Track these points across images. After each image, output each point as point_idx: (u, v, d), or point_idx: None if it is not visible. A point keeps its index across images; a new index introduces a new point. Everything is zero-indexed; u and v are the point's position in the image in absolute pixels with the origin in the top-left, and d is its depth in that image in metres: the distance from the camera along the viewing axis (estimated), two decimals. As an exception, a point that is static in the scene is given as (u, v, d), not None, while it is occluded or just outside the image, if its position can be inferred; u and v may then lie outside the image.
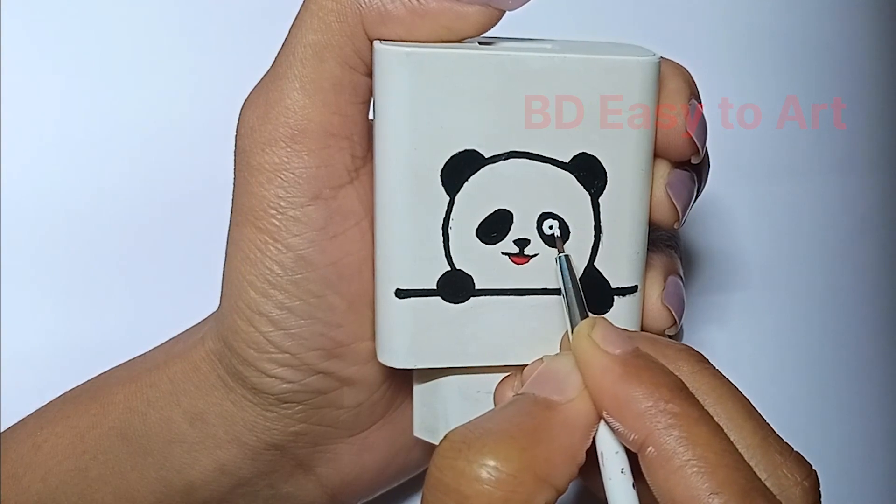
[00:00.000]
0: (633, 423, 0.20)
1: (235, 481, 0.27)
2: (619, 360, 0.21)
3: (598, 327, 0.22)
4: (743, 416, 0.21)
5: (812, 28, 0.39)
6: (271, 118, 0.23)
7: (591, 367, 0.21)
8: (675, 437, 0.19)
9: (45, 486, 0.26)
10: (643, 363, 0.21)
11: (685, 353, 0.22)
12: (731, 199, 0.38)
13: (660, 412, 0.20)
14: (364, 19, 0.22)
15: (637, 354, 0.21)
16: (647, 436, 0.20)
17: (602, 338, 0.21)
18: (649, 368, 0.21)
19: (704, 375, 0.21)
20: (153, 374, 0.27)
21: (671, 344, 0.22)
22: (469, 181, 0.23)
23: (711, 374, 0.22)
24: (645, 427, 0.20)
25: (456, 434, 0.20)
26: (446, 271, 0.23)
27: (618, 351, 0.21)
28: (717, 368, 0.22)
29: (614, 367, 0.21)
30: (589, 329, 0.22)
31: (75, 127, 0.32)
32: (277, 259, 0.24)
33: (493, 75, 0.22)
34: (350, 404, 0.26)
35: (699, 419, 0.20)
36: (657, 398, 0.20)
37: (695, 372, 0.21)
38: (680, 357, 0.22)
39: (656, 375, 0.20)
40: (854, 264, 0.40)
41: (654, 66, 0.23)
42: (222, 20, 0.33)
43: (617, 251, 0.24)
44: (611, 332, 0.21)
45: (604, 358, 0.21)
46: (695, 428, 0.19)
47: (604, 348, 0.21)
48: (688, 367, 0.22)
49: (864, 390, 0.39)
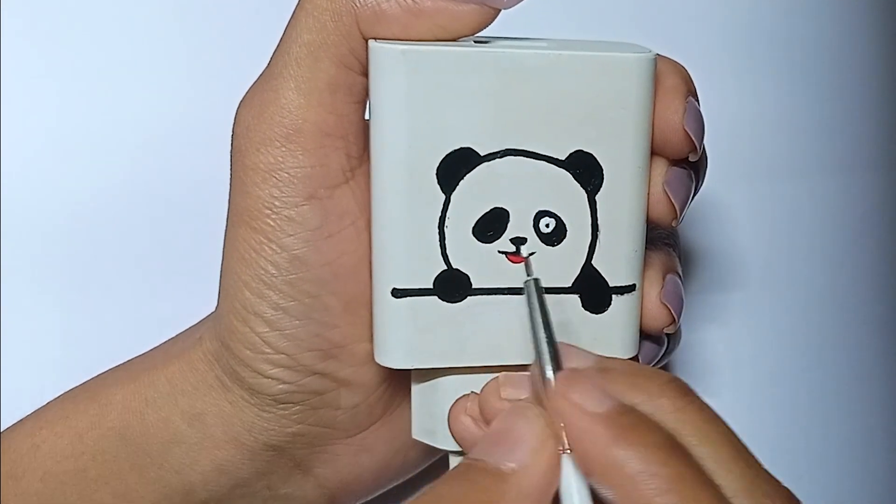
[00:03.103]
0: (625, 489, 0.19)
1: (234, 482, 0.27)
2: (605, 421, 0.19)
3: (576, 386, 0.20)
4: (730, 458, 0.20)
5: (812, 27, 0.39)
6: (266, 118, 0.23)
7: (577, 431, 0.19)
8: (674, 502, 0.18)
9: (44, 487, 0.27)
10: (629, 421, 0.19)
11: (667, 386, 0.21)
12: (731, 198, 0.38)
13: (653, 476, 0.18)
14: (359, 18, 0.22)
15: (622, 411, 0.19)
16: (642, 502, 0.18)
17: (581, 398, 0.20)
18: (636, 427, 0.19)
19: (688, 413, 0.20)
20: (151, 374, 0.27)
21: (653, 376, 0.21)
22: (465, 179, 0.23)
23: (697, 408, 0.20)
24: (638, 493, 0.18)
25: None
26: (443, 270, 0.23)
27: (601, 410, 0.19)
28: (702, 401, 0.21)
29: (601, 429, 0.19)
30: (565, 389, 0.20)
31: (72, 128, 0.32)
32: (272, 259, 0.24)
33: (489, 73, 0.22)
34: (347, 405, 0.26)
35: (694, 481, 0.19)
36: (649, 461, 0.19)
37: (678, 409, 0.20)
38: (663, 392, 0.20)
39: (645, 434, 0.19)
40: (854, 264, 0.40)
41: (651, 63, 0.23)
42: (218, 20, 0.33)
43: (615, 249, 0.24)
44: (590, 390, 0.20)
45: (587, 421, 0.19)
46: (691, 491, 0.18)
47: (586, 409, 0.19)
48: (670, 404, 0.20)
49: (864, 390, 0.39)
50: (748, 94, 0.38)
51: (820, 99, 0.39)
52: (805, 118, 0.39)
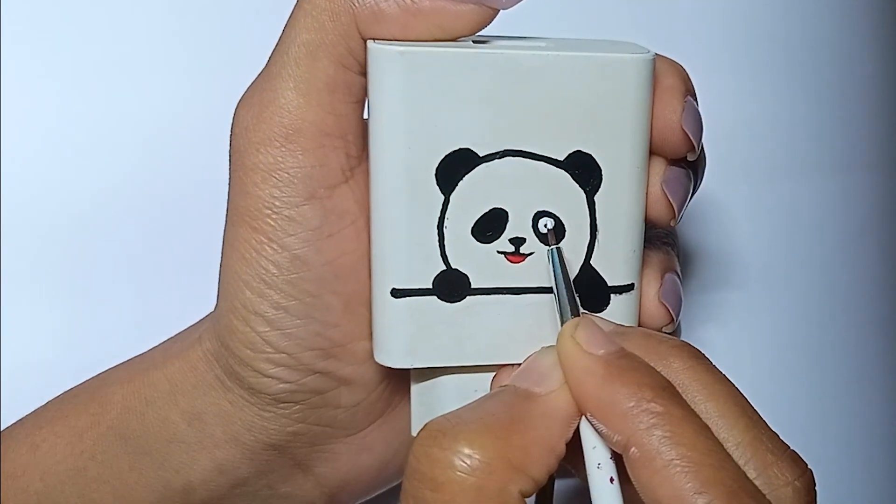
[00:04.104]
0: (615, 424, 0.20)
1: (234, 481, 0.27)
2: (601, 361, 0.21)
3: (582, 328, 0.21)
4: (735, 413, 0.21)
5: (812, 27, 0.39)
6: (265, 118, 0.23)
7: (573, 369, 0.21)
8: (658, 436, 0.19)
9: (44, 486, 0.27)
10: (626, 363, 0.21)
11: (678, 348, 0.22)
12: (730, 198, 0.38)
13: (642, 412, 0.19)
14: (357, 18, 0.22)
15: (620, 355, 0.21)
16: (630, 436, 0.19)
17: (585, 338, 0.21)
18: (632, 368, 0.20)
19: (697, 371, 0.21)
20: (151, 373, 0.27)
21: (665, 339, 0.22)
22: (464, 180, 0.23)
23: (705, 369, 0.21)
24: (627, 427, 0.19)
25: (433, 423, 0.20)
26: (442, 270, 0.23)
27: (601, 352, 0.21)
28: (712, 363, 0.22)
29: (596, 368, 0.20)
30: (572, 330, 0.21)
31: (71, 128, 0.32)
32: (273, 259, 0.24)
33: (487, 74, 0.22)
34: (347, 404, 0.26)
35: (683, 418, 0.19)
36: (640, 398, 0.20)
37: (687, 368, 0.21)
38: (672, 353, 0.22)
39: (639, 375, 0.20)
40: (854, 264, 0.40)
41: (649, 63, 0.23)
42: (217, 20, 0.33)
43: (613, 249, 0.24)
44: (594, 333, 0.21)
45: (586, 359, 0.21)
46: (678, 427, 0.19)
47: (587, 349, 0.21)
48: (680, 364, 0.21)
49: (863, 390, 0.39)
50: (747, 93, 0.38)
51: (820, 99, 0.39)
52: (805, 118, 0.39)
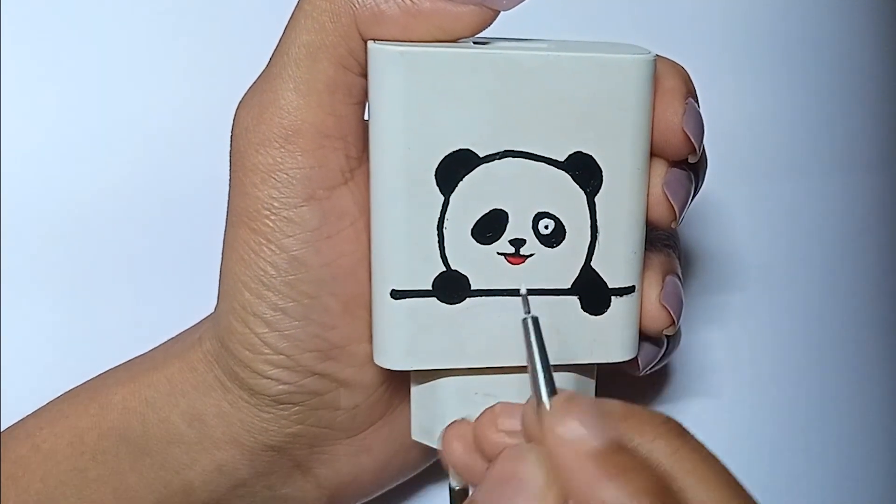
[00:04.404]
0: None
1: (234, 482, 0.27)
2: (596, 458, 0.19)
3: (573, 417, 0.19)
4: (727, 497, 0.19)
5: (812, 27, 0.39)
6: (265, 119, 0.23)
7: (569, 470, 0.19)
8: None
9: (45, 487, 0.27)
10: (622, 461, 0.19)
11: (664, 428, 0.20)
12: (731, 199, 0.38)
13: None
14: (358, 19, 0.22)
15: (616, 450, 0.19)
16: None
17: (577, 430, 0.19)
18: (629, 469, 0.19)
19: (685, 453, 0.20)
20: (151, 374, 0.27)
21: (649, 418, 0.21)
22: (464, 181, 0.23)
23: (692, 449, 0.20)
24: None
25: None
26: (442, 272, 0.23)
27: (594, 446, 0.19)
28: (697, 441, 0.20)
29: (591, 467, 0.19)
30: (562, 419, 0.19)
31: (72, 128, 0.32)
32: (271, 260, 0.24)
33: (488, 74, 0.22)
34: (347, 406, 0.26)
35: None
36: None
37: (675, 451, 0.20)
38: (659, 434, 0.20)
39: (636, 478, 0.19)
40: (854, 264, 0.39)
41: (650, 64, 0.23)
42: (217, 21, 0.33)
43: (614, 251, 0.24)
44: (586, 421, 0.19)
45: (580, 456, 0.19)
46: None
47: (581, 443, 0.19)
48: (666, 446, 0.20)
49: (864, 390, 0.39)
50: (748, 93, 0.38)
51: (820, 99, 0.39)
52: (805, 118, 0.39)
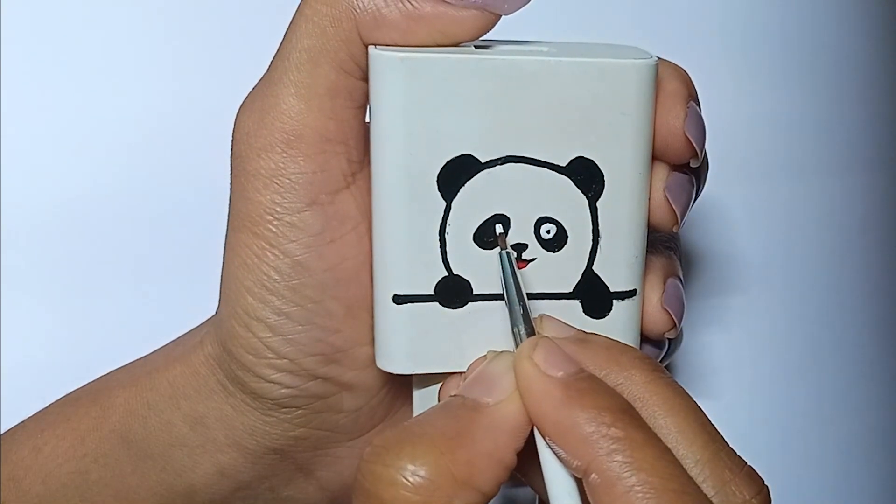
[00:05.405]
0: (575, 449, 0.19)
1: (236, 485, 0.27)
2: (560, 383, 0.20)
3: (540, 348, 0.21)
4: (694, 430, 0.20)
5: (811, 29, 0.39)
6: (267, 123, 0.23)
7: (532, 392, 0.20)
8: (619, 462, 0.19)
9: (46, 489, 0.27)
10: (586, 386, 0.20)
11: (639, 360, 0.21)
12: (731, 201, 0.38)
13: (602, 437, 0.19)
14: (359, 24, 0.22)
15: (580, 377, 0.20)
16: (591, 462, 0.19)
17: (544, 360, 0.20)
18: (592, 391, 0.20)
19: (657, 385, 0.21)
20: (153, 377, 0.27)
21: (626, 350, 0.22)
22: (465, 186, 0.23)
23: (665, 383, 0.21)
24: (588, 453, 0.19)
25: (379, 439, 0.20)
26: (444, 276, 0.23)
27: (560, 373, 0.20)
28: (671, 377, 0.21)
29: (555, 391, 0.20)
30: (530, 350, 0.21)
31: (73, 133, 0.32)
32: (274, 265, 0.24)
33: (489, 79, 0.22)
34: (349, 409, 0.26)
35: (644, 442, 0.19)
36: (599, 422, 0.19)
37: (648, 381, 0.21)
38: (634, 365, 0.21)
39: (599, 398, 0.20)
40: (854, 265, 0.40)
41: (652, 68, 0.23)
42: (218, 25, 0.33)
43: (615, 255, 0.24)
44: (553, 353, 0.21)
45: (545, 382, 0.20)
46: (639, 452, 0.19)
47: (545, 371, 0.20)
48: (641, 377, 0.21)
49: (864, 391, 0.39)
50: (748, 95, 0.38)
51: (820, 100, 0.39)
52: (805, 119, 0.39)
